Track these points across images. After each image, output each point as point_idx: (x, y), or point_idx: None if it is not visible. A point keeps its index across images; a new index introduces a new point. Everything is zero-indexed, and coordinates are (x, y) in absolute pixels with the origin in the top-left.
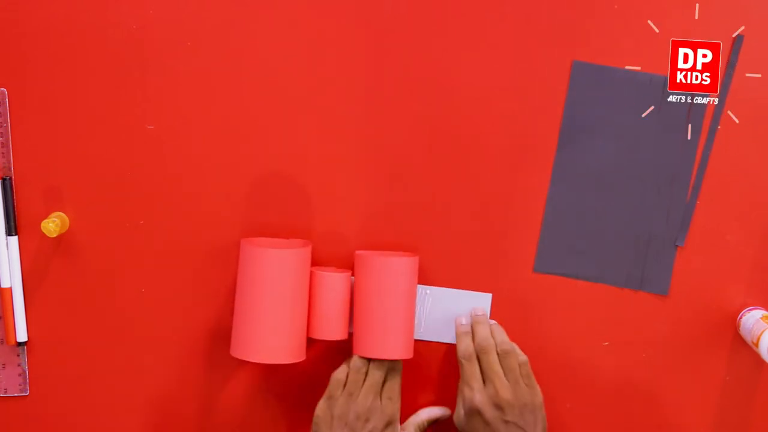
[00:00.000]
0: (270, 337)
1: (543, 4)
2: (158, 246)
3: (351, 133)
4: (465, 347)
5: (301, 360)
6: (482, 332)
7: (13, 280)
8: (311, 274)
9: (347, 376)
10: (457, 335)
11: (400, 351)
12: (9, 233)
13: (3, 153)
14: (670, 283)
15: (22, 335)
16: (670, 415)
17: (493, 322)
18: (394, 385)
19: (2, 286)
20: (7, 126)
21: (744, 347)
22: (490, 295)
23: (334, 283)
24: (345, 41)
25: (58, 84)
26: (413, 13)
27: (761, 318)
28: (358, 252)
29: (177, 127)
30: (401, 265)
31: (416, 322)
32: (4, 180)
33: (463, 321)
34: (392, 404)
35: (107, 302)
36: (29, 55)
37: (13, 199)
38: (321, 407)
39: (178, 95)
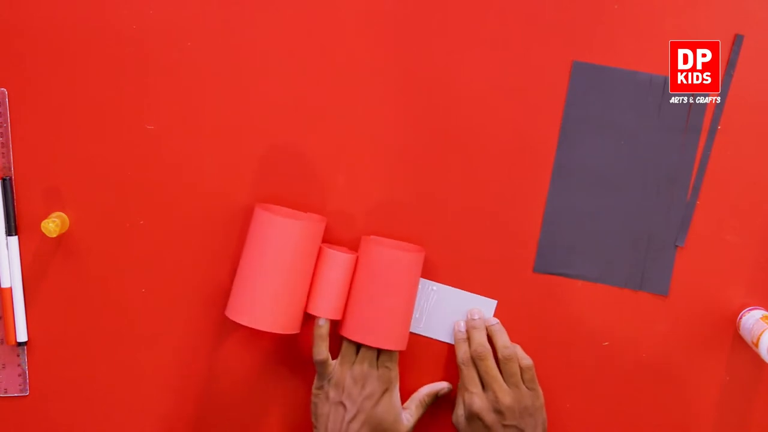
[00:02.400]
0: (267, 304)
1: (543, 4)
2: (158, 246)
3: (349, 130)
4: (463, 353)
5: (295, 332)
6: (478, 338)
7: (13, 280)
8: (320, 250)
9: (328, 355)
10: (456, 341)
11: (389, 342)
12: (9, 233)
13: (3, 153)
14: (670, 283)
15: (22, 335)
16: (670, 415)
17: (495, 321)
18: (391, 355)
19: (2, 286)
20: (7, 126)
21: (744, 347)
22: (495, 301)
23: (340, 261)
24: (346, 41)
25: (58, 84)
26: (415, 12)
27: (761, 318)
28: (365, 237)
29: (177, 127)
30: (403, 259)
31: (418, 316)
32: (4, 180)
33: (462, 327)
34: (389, 372)
35: (107, 302)
36: (29, 55)
37: (13, 199)
38: (315, 385)
39: (178, 95)
